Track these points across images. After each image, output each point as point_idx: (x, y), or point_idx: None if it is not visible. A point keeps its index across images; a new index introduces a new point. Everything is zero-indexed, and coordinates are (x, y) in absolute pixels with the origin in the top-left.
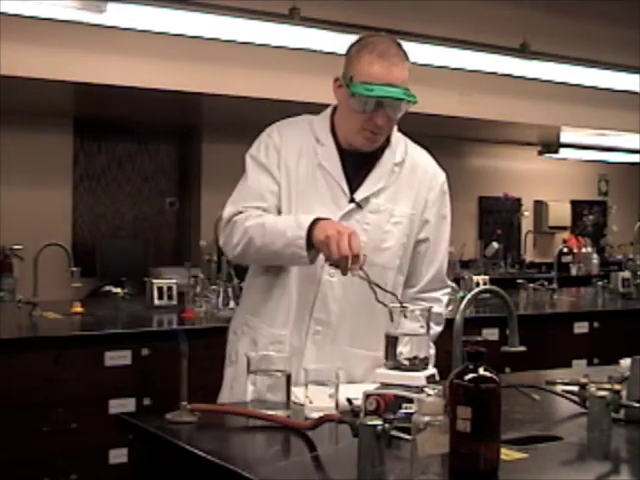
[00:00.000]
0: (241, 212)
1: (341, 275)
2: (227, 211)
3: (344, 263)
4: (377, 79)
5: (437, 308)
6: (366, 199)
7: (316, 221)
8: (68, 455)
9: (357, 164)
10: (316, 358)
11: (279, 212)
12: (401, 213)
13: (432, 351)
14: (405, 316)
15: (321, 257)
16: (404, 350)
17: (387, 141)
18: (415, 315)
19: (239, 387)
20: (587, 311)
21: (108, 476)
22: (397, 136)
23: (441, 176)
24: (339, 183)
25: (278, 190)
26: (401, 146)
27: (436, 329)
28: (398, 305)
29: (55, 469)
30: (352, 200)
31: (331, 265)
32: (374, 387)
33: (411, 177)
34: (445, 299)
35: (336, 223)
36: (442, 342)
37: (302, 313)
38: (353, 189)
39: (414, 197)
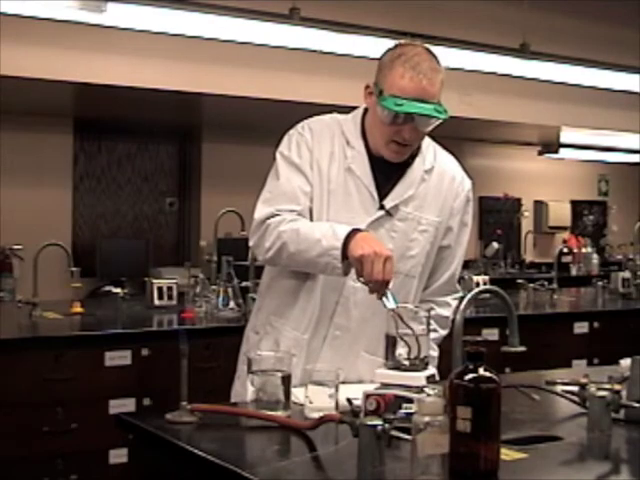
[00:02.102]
0: (275, 215)
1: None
2: (260, 212)
3: (374, 285)
4: (408, 93)
5: (445, 312)
6: (395, 207)
7: (353, 232)
8: (68, 455)
9: (387, 170)
10: (330, 362)
11: (311, 213)
12: (428, 221)
13: (435, 353)
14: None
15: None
16: (403, 351)
17: (417, 148)
18: (420, 317)
19: None
20: (587, 311)
21: (108, 476)
22: (427, 142)
23: (467, 184)
24: (369, 189)
25: (310, 191)
26: (430, 152)
27: (441, 332)
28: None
29: (55, 469)
30: (381, 207)
31: (361, 282)
32: (374, 387)
33: (439, 185)
34: (454, 303)
35: (373, 240)
36: (442, 342)
37: (323, 317)
38: (382, 196)
39: (441, 205)
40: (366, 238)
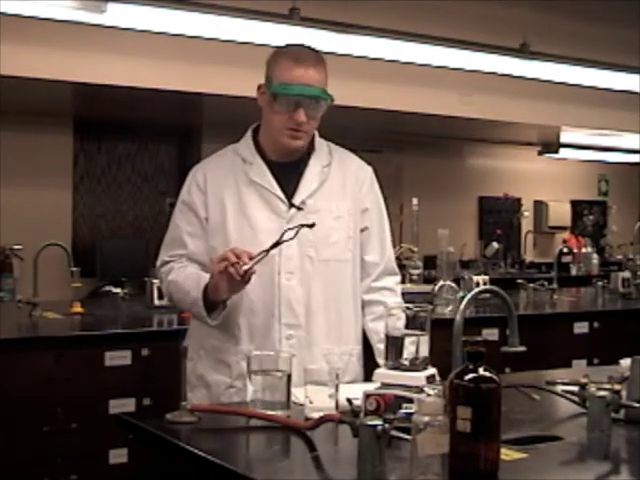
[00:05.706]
0: (166, 263)
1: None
2: (159, 258)
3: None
4: (295, 80)
5: (397, 298)
6: (303, 202)
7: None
8: (68, 455)
9: (287, 173)
10: (296, 361)
11: (227, 231)
12: (339, 208)
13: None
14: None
15: (277, 263)
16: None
17: (312, 147)
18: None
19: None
20: (587, 311)
21: (108, 476)
22: (320, 141)
23: (368, 168)
24: (274, 193)
25: (201, 229)
26: (324, 150)
27: (402, 317)
28: None
29: (55, 469)
30: (292, 205)
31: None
32: (374, 387)
33: (342, 175)
34: (398, 288)
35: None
36: (442, 342)
37: (270, 322)
38: (290, 196)
39: (349, 192)
40: (215, 275)
